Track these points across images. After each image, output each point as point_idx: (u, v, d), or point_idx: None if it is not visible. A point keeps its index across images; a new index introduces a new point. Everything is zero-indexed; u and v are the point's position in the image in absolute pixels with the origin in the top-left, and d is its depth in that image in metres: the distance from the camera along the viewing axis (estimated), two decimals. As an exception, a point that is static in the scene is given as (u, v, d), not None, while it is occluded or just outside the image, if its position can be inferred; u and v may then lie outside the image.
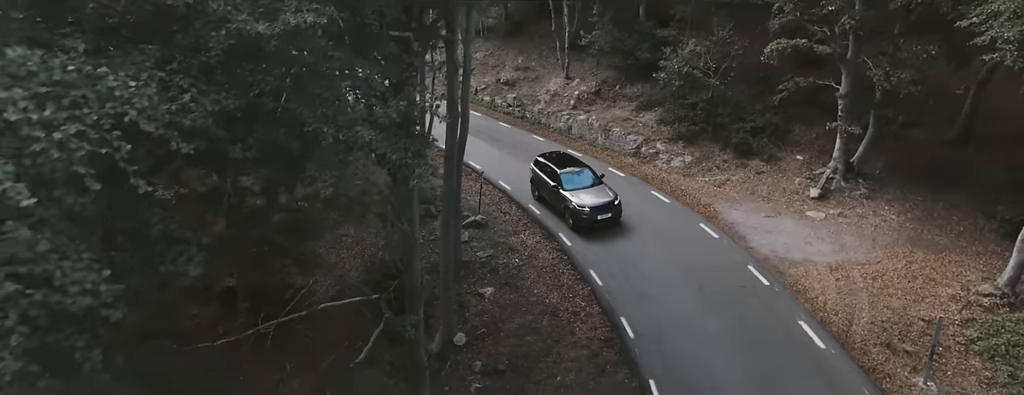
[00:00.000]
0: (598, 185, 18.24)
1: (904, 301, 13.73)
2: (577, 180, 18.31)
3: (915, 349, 12.41)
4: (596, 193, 17.82)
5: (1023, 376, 11.63)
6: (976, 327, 12.74)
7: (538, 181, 19.55)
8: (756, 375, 11.99)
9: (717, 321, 13.59)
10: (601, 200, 17.55)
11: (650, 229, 17.69)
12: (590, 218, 17.32)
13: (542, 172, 19.25)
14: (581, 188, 17.99)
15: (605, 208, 17.44)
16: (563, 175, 18.41)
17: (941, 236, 15.80)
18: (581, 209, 17.41)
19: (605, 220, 17.35)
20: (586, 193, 17.80)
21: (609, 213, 17.45)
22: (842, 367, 12.05)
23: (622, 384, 12.47)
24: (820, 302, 13.99)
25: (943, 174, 17.30)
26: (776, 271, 15.25)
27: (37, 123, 3.77)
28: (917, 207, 16.83)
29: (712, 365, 12.35)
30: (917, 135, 18.96)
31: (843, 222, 17.01)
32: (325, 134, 5.91)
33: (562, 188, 18.07)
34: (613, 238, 17.42)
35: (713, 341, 12.98)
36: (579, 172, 18.60)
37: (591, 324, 14.34)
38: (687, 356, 12.68)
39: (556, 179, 18.43)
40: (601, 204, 17.46)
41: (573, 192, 17.81)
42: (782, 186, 19.05)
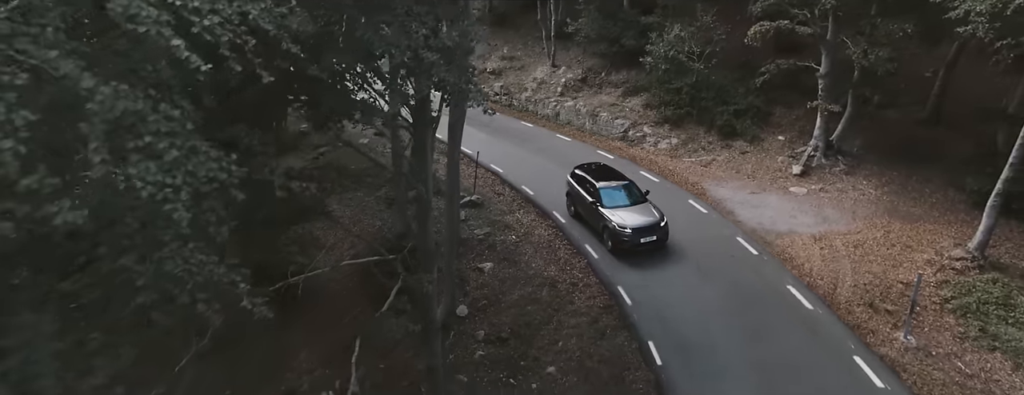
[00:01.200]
0: (642, 202, 16.03)
1: (883, 266, 14.51)
2: (618, 196, 16.23)
3: (895, 308, 13.17)
4: (640, 212, 15.67)
5: (992, 330, 12.48)
6: (949, 288, 13.57)
7: (574, 196, 17.39)
8: (750, 333, 12.59)
9: (711, 288, 14.18)
10: (645, 220, 15.36)
11: (641, 206, 18.22)
12: (632, 241, 15.13)
13: (579, 186, 17.11)
14: (623, 206, 15.94)
15: (650, 230, 15.21)
16: (602, 190, 16.31)
17: (916, 207, 16.68)
18: (621, 230, 15.23)
19: (649, 243, 15.21)
20: (628, 212, 15.69)
21: (654, 236, 15.20)
22: (829, 325, 12.74)
23: (622, 346, 12.94)
24: (806, 269, 14.70)
25: (916, 151, 18.23)
26: (763, 242, 15.92)
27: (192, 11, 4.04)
28: (893, 181, 17.71)
29: (708, 326, 12.92)
30: (891, 115, 19.94)
31: (824, 196, 17.80)
32: (394, 55, 6.20)
33: (601, 205, 16.02)
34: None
35: (707, 305, 13.55)
36: (621, 187, 16.50)
37: (589, 294, 14.79)
38: (683, 319, 13.22)
39: (594, 194, 16.34)
40: (645, 225, 15.24)
41: (613, 210, 15.75)
42: (766, 165, 19.80)
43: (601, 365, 12.60)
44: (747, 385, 11.38)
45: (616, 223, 15.45)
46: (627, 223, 15.39)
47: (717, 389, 11.40)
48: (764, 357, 11.95)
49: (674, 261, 15.41)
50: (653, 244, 15.29)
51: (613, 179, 16.96)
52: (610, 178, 17.01)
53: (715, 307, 13.47)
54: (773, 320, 12.93)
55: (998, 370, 11.70)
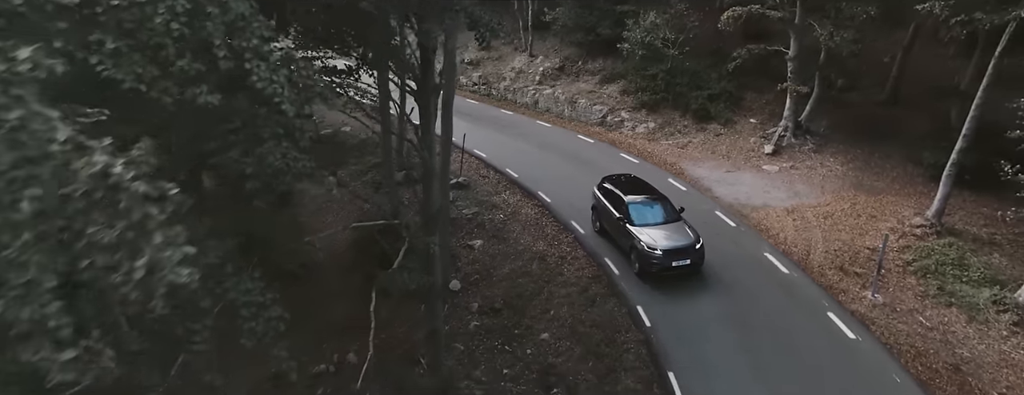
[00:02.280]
0: (676, 221, 14.51)
1: (851, 234, 15.48)
2: (649, 213, 14.70)
3: (863, 271, 14.11)
4: (673, 232, 14.13)
5: (948, 288, 13.51)
6: (911, 252, 14.59)
7: (600, 210, 15.88)
8: (731, 293, 13.34)
9: (693, 256, 14.88)
10: (678, 242, 13.79)
11: (623, 185, 18.87)
12: (662, 263, 13.62)
13: (606, 199, 15.64)
14: (654, 224, 14.38)
15: (683, 252, 13.63)
16: (632, 206, 14.75)
17: (879, 181, 17.78)
18: (651, 252, 13.71)
19: (682, 267, 13.66)
20: (660, 231, 14.12)
21: (687, 260, 13.65)
22: (804, 286, 13.58)
23: (612, 311, 13.50)
24: (781, 238, 15.56)
25: (877, 129, 19.38)
26: (740, 215, 16.74)
27: None
28: (857, 158, 18.81)
29: (692, 289, 13.60)
30: (854, 98, 21.12)
31: (795, 173, 18.78)
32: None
33: (630, 222, 14.46)
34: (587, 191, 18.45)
35: (691, 275, 14.22)
36: (653, 202, 14.96)
37: (578, 265, 15.32)
38: (669, 284, 13.87)
39: (622, 209, 14.80)
40: (678, 247, 13.67)
41: (643, 228, 14.19)
42: (739, 145, 20.71)
43: (593, 329, 13.13)
44: (730, 339, 12.08)
45: (645, 243, 13.85)
46: (658, 244, 13.75)
47: (703, 345, 12.08)
48: (746, 315, 12.69)
49: (657, 234, 16.05)
50: (687, 269, 13.71)
51: (644, 193, 15.31)
52: (641, 192, 15.37)
53: (698, 272, 14.16)
54: (753, 286, 13.70)
55: (954, 323, 12.71)
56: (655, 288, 13.93)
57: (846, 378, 10.01)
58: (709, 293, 13.57)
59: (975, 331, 12.47)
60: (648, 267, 13.89)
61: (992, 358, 11.79)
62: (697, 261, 13.84)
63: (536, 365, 12.65)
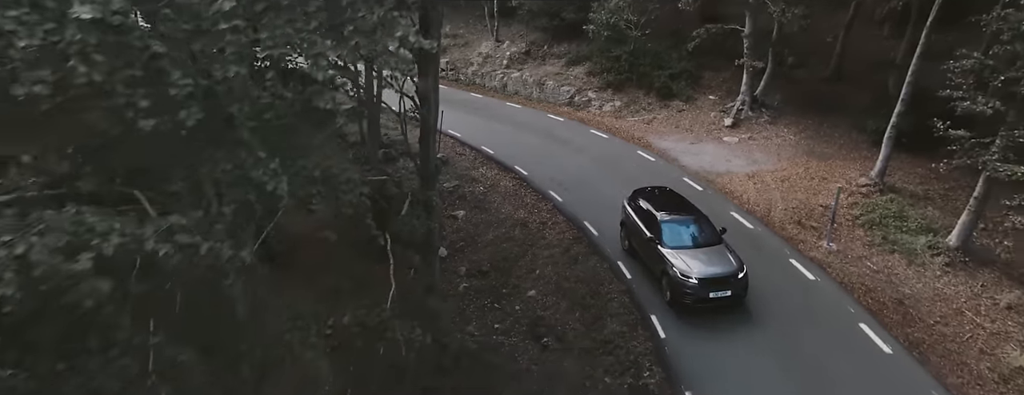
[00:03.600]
0: (716, 244, 12.67)
1: (806, 194, 16.89)
2: (685, 233, 12.88)
3: (818, 225, 15.48)
4: (711, 257, 12.31)
5: (891, 238, 15.02)
6: (858, 208, 16.09)
7: (630, 227, 14.06)
8: (704, 249, 14.43)
9: (665, 217, 15.92)
10: (717, 269, 12.01)
11: (595, 157, 19.83)
12: (697, 294, 11.87)
13: (636, 215, 13.84)
14: (689, 247, 12.57)
15: (722, 282, 11.86)
16: (665, 225, 12.91)
17: (828, 148, 19.35)
18: (685, 280, 11.94)
19: (721, 299, 11.92)
20: (696, 255, 12.31)
21: (727, 291, 11.86)
22: (767, 239, 14.83)
23: (595, 267, 14.35)
24: (744, 199, 16.81)
25: (825, 102, 21.02)
26: (706, 181, 17.93)
27: None
28: (808, 128, 20.37)
29: (668, 246, 14.60)
30: (802, 75, 22.77)
31: (753, 143, 20.18)
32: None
33: (661, 243, 12.64)
34: (562, 164, 19.29)
35: (664, 231, 15.26)
36: (690, 221, 13.15)
37: (558, 229, 16.11)
38: (646, 243, 14.83)
39: (654, 228, 13.00)
40: (717, 275, 11.91)
41: (677, 252, 12.39)
42: (701, 120, 22.01)
43: (577, 284, 13.95)
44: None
45: (679, 270, 12.06)
46: (693, 271, 11.97)
47: None
48: (717, 266, 13.79)
49: (631, 199, 17.03)
50: (727, 301, 11.93)
51: (680, 211, 13.50)
52: (676, 209, 13.58)
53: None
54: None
55: (896, 266, 14.19)
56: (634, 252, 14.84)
57: (808, 310, 11.15)
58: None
59: (914, 272, 13.96)
60: (680, 297, 12.04)
61: (928, 294, 13.28)
62: (739, 292, 11.92)
63: (525, 319, 13.35)
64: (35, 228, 3.85)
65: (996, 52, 12.38)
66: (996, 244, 13.25)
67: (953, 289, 13.40)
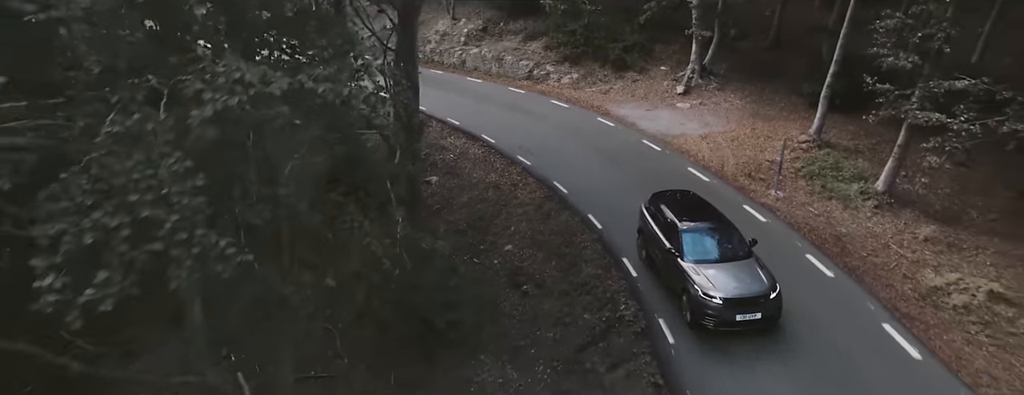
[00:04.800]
0: (745, 258, 11.11)
1: (754, 151, 18.35)
2: (709, 245, 11.34)
3: (766, 177, 16.93)
4: (739, 273, 10.81)
5: (829, 186, 16.61)
6: (800, 161, 17.66)
7: (647, 235, 12.62)
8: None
9: (629, 174, 17.00)
10: (746, 288, 10.52)
11: (558, 124, 20.69)
12: (721, 317, 10.40)
13: (654, 221, 12.39)
14: (714, 261, 11.06)
15: (751, 303, 10.37)
16: (686, 235, 11.34)
17: (771, 110, 20.95)
18: (708, 299, 10.49)
19: (749, 323, 10.43)
20: (722, 271, 10.82)
21: (757, 313, 10.36)
22: (723, 189, 16.14)
23: (567, 221, 15.24)
24: (699, 157, 18.10)
25: (766, 69, 22.64)
26: (663, 142, 19.13)
27: None
28: (753, 94, 21.93)
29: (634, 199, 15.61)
30: (745, 45, 24.38)
31: (704, 108, 21.57)
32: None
33: (681, 256, 11.13)
34: (527, 131, 20.04)
35: (629, 186, 16.29)
36: (715, 231, 11.62)
37: (530, 190, 16.89)
38: (613, 196, 15.85)
39: (674, 238, 11.47)
40: (745, 295, 10.43)
41: (699, 266, 10.93)
42: (655, 88, 23.24)
43: (552, 237, 14.79)
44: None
45: (701, 288, 10.56)
46: (717, 290, 10.46)
47: None
48: (679, 214, 14.96)
49: (596, 160, 18.02)
50: (756, 325, 10.42)
51: (704, 218, 11.93)
52: (701, 216, 11.99)
53: (636, 185, 16.25)
54: (681, 191, 16.05)
55: (834, 210, 15.78)
56: (598, 201, 15.82)
57: (762, 246, 12.35)
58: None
59: (849, 215, 15.59)
60: (701, 318, 10.53)
61: (861, 231, 14.90)
62: (771, 315, 10.42)
63: (505, 271, 14.09)
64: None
65: (914, 12, 13.93)
66: (915, 184, 14.98)
67: (881, 227, 15.07)
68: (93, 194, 4.18)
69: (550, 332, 12.44)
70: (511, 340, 12.47)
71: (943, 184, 16.53)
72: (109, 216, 4.17)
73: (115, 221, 4.13)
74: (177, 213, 4.28)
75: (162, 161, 4.23)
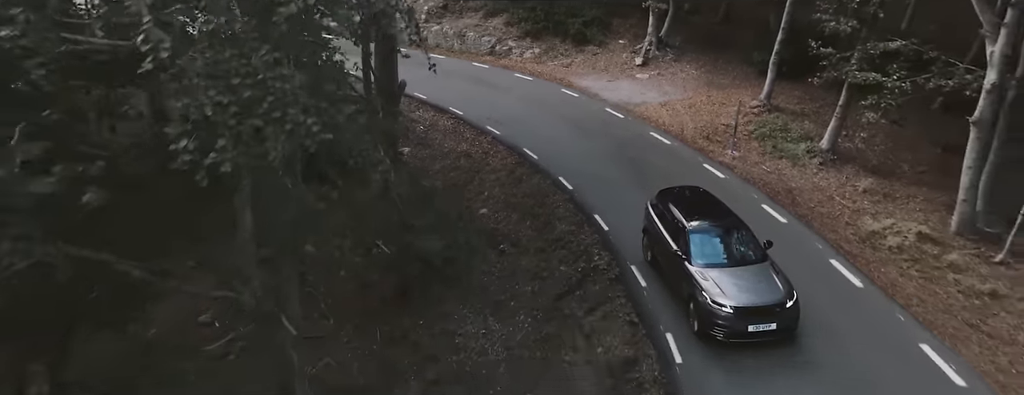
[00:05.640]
0: (759, 262, 10.28)
1: (710, 117, 19.42)
2: (718, 248, 10.48)
3: (722, 139, 18.03)
4: (752, 279, 9.96)
5: (779, 147, 17.83)
6: (752, 125, 18.84)
7: (652, 235, 11.76)
8: (630, 162, 16.49)
9: (595, 142, 17.78)
10: (759, 296, 9.67)
11: (523, 96, 21.24)
12: (732, 327, 9.54)
13: (660, 221, 11.47)
14: (724, 264, 10.17)
15: (765, 312, 9.54)
16: (694, 235, 10.45)
17: (724, 79, 22.12)
18: (716, 308, 9.64)
19: (763, 334, 9.57)
20: (733, 277, 9.94)
21: (772, 323, 9.51)
22: (683, 151, 17.17)
23: (539, 184, 15.88)
24: (660, 123, 19.03)
25: (719, 41, 23.81)
26: (625, 110, 19.98)
27: None
28: (707, 64, 23.05)
29: (601, 162, 16.48)
30: (698, 19, 25.51)
31: (662, 79, 22.55)
32: None
33: (688, 260, 10.27)
34: (493, 103, 20.49)
35: (596, 151, 17.12)
36: (725, 231, 10.76)
37: (501, 157, 17.42)
38: (581, 160, 16.61)
39: (681, 239, 10.57)
40: (758, 304, 9.58)
41: (707, 271, 10.01)
42: (614, 61, 24.07)
43: (525, 199, 15.40)
44: (638, 195, 14.93)
45: (709, 295, 9.71)
46: (727, 298, 9.59)
47: (612, 192, 15.04)
48: (643, 174, 15.81)
49: (563, 129, 18.70)
50: (771, 336, 9.56)
51: (714, 216, 11.02)
52: (711, 214, 11.07)
53: (602, 151, 17.09)
54: (644, 153, 16.99)
55: (784, 167, 17.01)
56: (566, 165, 16.51)
57: (721, 195, 13.31)
58: (613, 162, 16.54)
59: (797, 171, 16.84)
60: (710, 328, 9.67)
61: (808, 186, 16.17)
62: (787, 326, 9.56)
63: (481, 234, 14.61)
64: None
65: (853, -21, 15.09)
66: (855, 142, 16.33)
67: (826, 181, 16.39)
68: (205, 78, 4.78)
69: (528, 286, 13.09)
70: (491, 295, 13.06)
71: (879, 142, 18.04)
72: (220, 95, 4.81)
73: (225, 99, 4.66)
74: (272, 95, 4.81)
75: (253, 54, 4.71)
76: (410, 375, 11.71)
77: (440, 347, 12.13)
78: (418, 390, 11.16)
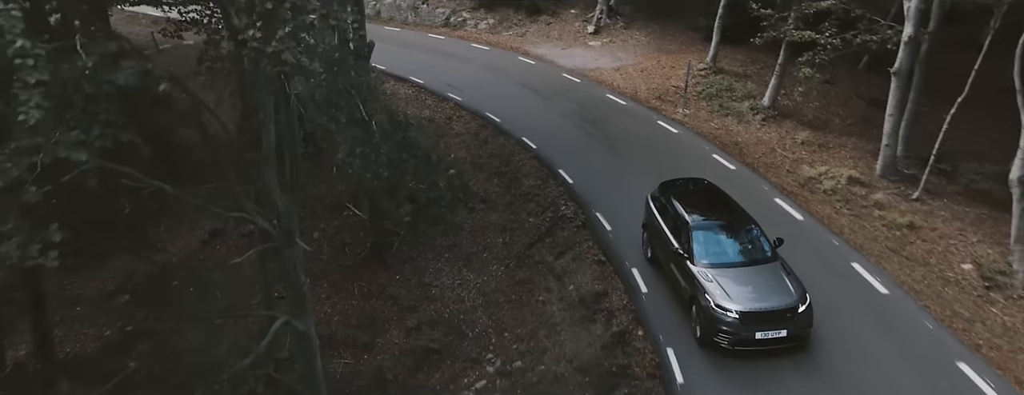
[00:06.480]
0: (768, 262, 9.53)
1: (661, 79, 20.41)
2: (725, 246, 9.78)
3: (673, 99, 19.03)
4: (761, 281, 9.26)
5: (725, 106, 19.00)
6: (700, 86, 19.94)
7: (652, 230, 10.96)
8: (589, 122, 17.28)
9: (555, 102, 18.49)
10: (768, 300, 8.96)
11: (481, 65, 21.62)
12: (738, 334, 8.83)
13: (661, 216, 10.66)
14: (730, 264, 9.44)
15: (775, 318, 8.85)
16: (697, 233, 9.67)
17: (673, 45, 23.15)
18: (721, 313, 8.89)
19: (772, 341, 8.86)
20: (739, 278, 9.23)
21: (782, 330, 8.82)
22: (638, 110, 18.09)
23: (503, 144, 16.44)
24: (614, 86, 19.88)
25: (666, 10, 24.78)
26: (581, 75, 20.71)
27: None
28: (656, 31, 24.02)
29: (560, 123, 17.17)
30: (645, -12, 26.36)
31: (614, 45, 23.38)
32: None
33: (690, 259, 9.51)
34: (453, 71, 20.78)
35: (556, 113, 17.80)
36: (732, 228, 10.01)
37: (464, 121, 17.85)
38: (543, 121, 17.27)
39: (682, 236, 9.82)
40: (768, 309, 8.88)
41: (712, 272, 9.28)
42: (568, 30, 24.70)
43: (491, 159, 15.95)
44: (599, 150, 15.95)
45: (713, 298, 8.97)
46: (733, 301, 8.87)
47: (575, 148, 15.78)
48: (603, 131, 16.70)
49: (523, 93, 19.27)
50: (782, 344, 8.88)
51: (721, 212, 10.28)
52: (716, 210, 10.34)
53: (561, 113, 17.77)
54: (602, 113, 17.80)
55: (731, 124, 18.18)
56: (530, 127, 17.12)
57: (674, 151, 14.38)
58: (572, 123, 17.26)
59: (743, 127, 18.06)
60: (714, 334, 8.94)
61: (753, 140, 17.39)
62: (798, 332, 8.87)
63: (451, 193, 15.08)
64: None
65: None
66: (793, 99, 17.65)
67: (768, 135, 17.68)
68: None
69: (500, 238, 13.74)
70: (464, 249, 13.65)
71: (813, 99, 19.50)
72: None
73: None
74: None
75: None
76: (391, 324, 12.22)
77: (418, 298, 12.66)
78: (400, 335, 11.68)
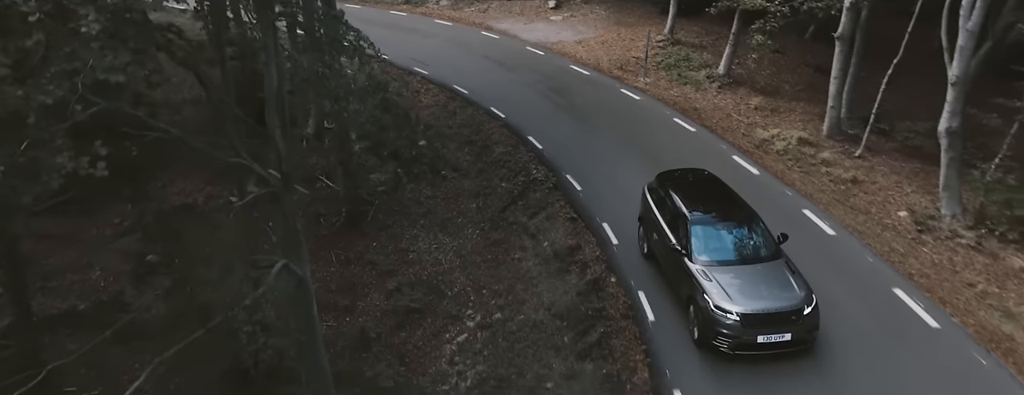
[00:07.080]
0: (772, 260, 8.92)
1: (622, 51, 21.03)
2: (725, 242, 9.15)
3: (634, 69, 19.70)
4: (764, 280, 8.70)
5: (683, 75, 19.79)
6: (659, 57, 20.65)
7: (649, 224, 10.35)
8: (555, 92, 17.76)
9: (520, 74, 18.89)
10: (772, 300, 8.39)
11: (446, 40, 21.74)
12: (738, 337, 8.27)
13: (658, 209, 10.05)
14: (732, 262, 8.88)
15: (779, 320, 8.30)
16: (696, 228, 9.08)
17: (631, 19, 23.77)
18: (720, 315, 8.32)
19: (775, 346, 8.30)
20: (741, 277, 8.66)
21: (786, 333, 8.25)
22: (601, 80, 18.68)
23: (473, 115, 16.81)
24: (577, 58, 20.39)
25: (624, -16, 25.37)
26: (545, 48, 21.12)
27: None
28: (615, 5, 24.59)
29: (527, 94, 17.60)
30: (603, -36, 26.85)
31: (575, 19, 23.84)
32: None
33: (689, 256, 8.92)
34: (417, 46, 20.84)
35: (523, 83, 18.19)
36: (733, 223, 9.34)
37: (432, 94, 18.20)
38: (510, 91, 17.68)
39: (681, 231, 9.23)
40: (770, 310, 8.31)
41: (712, 270, 8.70)
42: (529, 5, 25.00)
43: (461, 129, 16.25)
44: (566, 117, 16.44)
45: (713, 299, 8.39)
46: (734, 302, 8.31)
47: (543, 116, 16.31)
48: (567, 102, 17.21)
49: (490, 66, 19.55)
50: (785, 348, 8.32)
51: (722, 206, 9.67)
52: (716, 203, 9.73)
53: (528, 83, 18.16)
54: (567, 82, 18.32)
55: (689, 92, 18.97)
56: (498, 96, 17.46)
57: (637, 116, 15.03)
58: (538, 93, 17.70)
59: (700, 95, 18.89)
60: (713, 338, 8.39)
61: (710, 106, 18.23)
62: (804, 336, 8.33)
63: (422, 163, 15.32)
64: None
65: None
66: (746, 67, 18.55)
67: (724, 102, 18.56)
68: None
69: (474, 203, 14.13)
70: (439, 215, 13.99)
71: (765, 67, 20.48)
72: None
73: None
74: None
75: None
76: (371, 288, 12.50)
77: (396, 263, 12.97)
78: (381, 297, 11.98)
